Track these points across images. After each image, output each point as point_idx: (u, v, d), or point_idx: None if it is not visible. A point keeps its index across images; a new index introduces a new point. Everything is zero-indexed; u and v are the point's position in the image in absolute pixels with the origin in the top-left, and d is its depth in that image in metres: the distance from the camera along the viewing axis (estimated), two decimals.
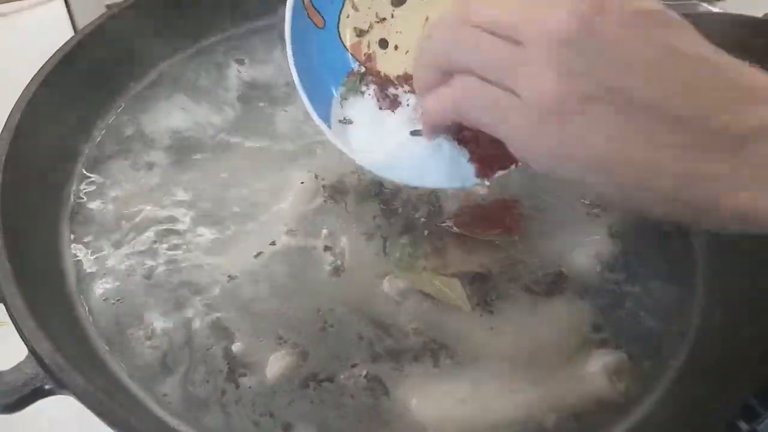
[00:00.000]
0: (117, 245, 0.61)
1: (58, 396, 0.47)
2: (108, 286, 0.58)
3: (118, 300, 0.57)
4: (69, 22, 1.03)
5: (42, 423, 0.68)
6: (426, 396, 0.52)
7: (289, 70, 0.53)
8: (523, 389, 0.52)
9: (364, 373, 0.53)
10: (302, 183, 0.65)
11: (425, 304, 0.57)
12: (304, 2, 0.54)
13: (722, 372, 0.53)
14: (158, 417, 0.50)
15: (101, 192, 0.65)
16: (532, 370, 0.54)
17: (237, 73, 0.79)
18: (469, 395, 0.52)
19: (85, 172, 0.67)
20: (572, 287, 0.60)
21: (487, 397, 0.52)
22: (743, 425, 0.58)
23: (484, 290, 0.58)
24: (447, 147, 0.49)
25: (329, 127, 0.54)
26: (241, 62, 0.80)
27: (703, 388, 0.53)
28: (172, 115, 0.73)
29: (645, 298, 0.61)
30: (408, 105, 0.54)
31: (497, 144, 0.41)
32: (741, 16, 1.05)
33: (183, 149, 0.70)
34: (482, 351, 0.54)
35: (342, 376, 0.53)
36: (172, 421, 0.50)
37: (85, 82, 0.69)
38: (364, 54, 0.56)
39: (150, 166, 0.68)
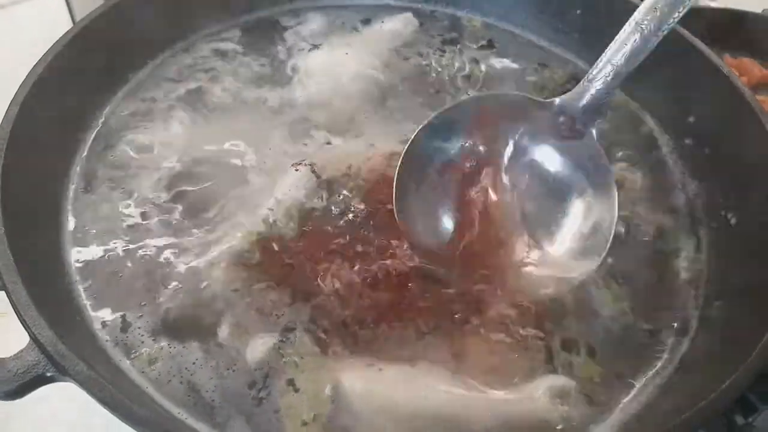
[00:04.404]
0: (118, 233, 0.61)
1: (59, 386, 0.47)
2: (109, 275, 0.58)
3: (120, 289, 0.57)
4: (67, 13, 1.03)
5: (43, 411, 0.69)
6: (358, 373, 0.53)
7: None
8: (457, 391, 0.53)
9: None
10: (296, 170, 0.66)
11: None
12: None
13: (719, 365, 0.53)
14: (159, 404, 0.50)
15: (102, 180, 0.65)
16: (475, 378, 0.54)
17: (238, 64, 0.79)
18: (402, 380, 0.53)
19: (85, 161, 0.67)
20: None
21: (417, 388, 0.53)
22: (739, 419, 0.59)
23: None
24: None
25: None
26: (243, 53, 0.80)
27: (701, 381, 0.53)
28: (172, 107, 0.73)
29: (643, 291, 0.61)
30: None
31: None
32: (740, 11, 1.06)
33: (183, 142, 0.70)
34: (428, 354, 0.55)
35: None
36: (174, 409, 0.50)
37: (84, 72, 0.69)
38: None
39: (149, 154, 0.68)
